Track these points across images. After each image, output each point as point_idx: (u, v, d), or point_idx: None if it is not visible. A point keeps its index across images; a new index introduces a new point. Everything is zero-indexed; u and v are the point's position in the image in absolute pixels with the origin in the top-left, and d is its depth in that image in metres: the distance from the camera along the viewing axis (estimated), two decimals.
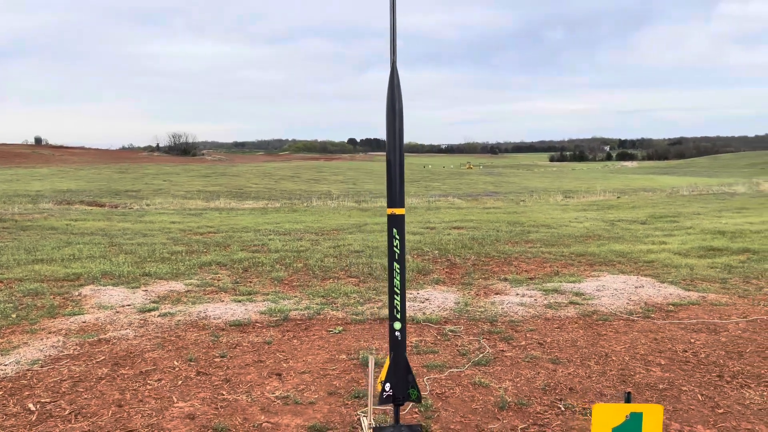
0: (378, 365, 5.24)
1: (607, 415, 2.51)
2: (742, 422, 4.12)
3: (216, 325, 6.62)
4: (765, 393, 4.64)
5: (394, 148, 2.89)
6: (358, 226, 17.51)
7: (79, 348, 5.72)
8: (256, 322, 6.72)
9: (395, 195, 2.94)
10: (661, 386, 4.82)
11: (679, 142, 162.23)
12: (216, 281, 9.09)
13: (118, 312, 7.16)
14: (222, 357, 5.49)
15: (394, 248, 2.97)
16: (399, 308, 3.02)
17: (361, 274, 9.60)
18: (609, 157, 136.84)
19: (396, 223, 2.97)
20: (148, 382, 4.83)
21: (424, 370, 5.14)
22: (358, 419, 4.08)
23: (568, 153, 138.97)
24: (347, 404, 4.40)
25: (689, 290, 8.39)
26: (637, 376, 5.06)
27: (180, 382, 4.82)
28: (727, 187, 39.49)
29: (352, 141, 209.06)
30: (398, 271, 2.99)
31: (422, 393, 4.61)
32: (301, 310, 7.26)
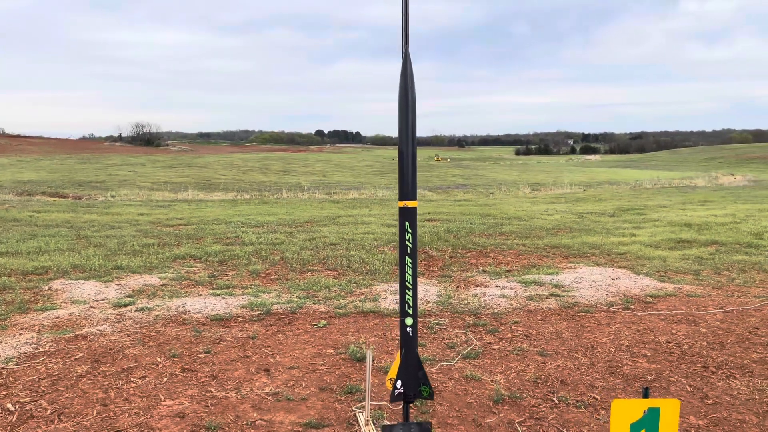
0: (366, 359, 5.18)
1: (625, 410, 2.51)
2: (732, 413, 4.19)
3: (196, 319, 6.46)
4: (750, 383, 4.74)
5: (406, 139, 2.80)
6: (332, 218, 17.38)
7: (55, 344, 5.50)
8: (238, 317, 6.58)
9: (408, 187, 2.86)
10: (649, 377, 4.88)
11: (640, 136, 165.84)
12: (192, 275, 8.89)
13: (92, 307, 6.93)
14: (206, 353, 5.35)
15: (407, 242, 2.90)
16: (411, 303, 2.96)
17: (339, 267, 9.51)
18: (573, 151, 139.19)
19: (408, 215, 2.89)
20: (132, 379, 4.67)
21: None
22: (354, 415, 4.01)
23: (533, 146, 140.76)
24: (341, 400, 4.33)
25: (664, 282, 8.54)
26: (625, 367, 5.11)
27: (165, 379, 4.68)
28: (688, 181, 40.53)
29: (319, 132, 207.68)
30: (410, 265, 2.92)
31: None
32: (283, 303, 7.14)
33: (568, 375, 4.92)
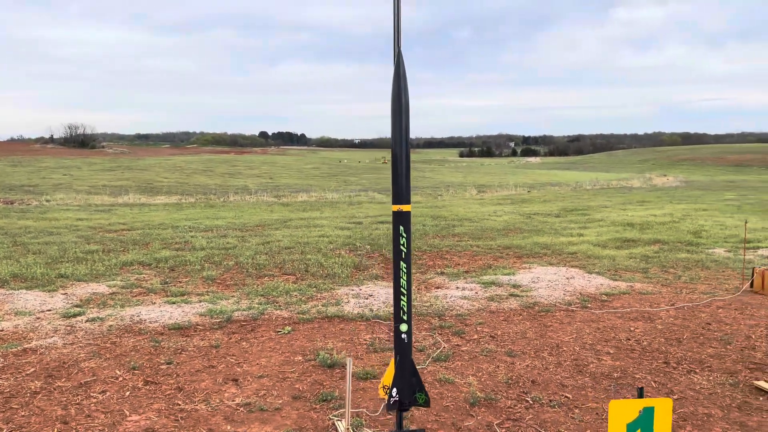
0: (337, 365, 5.10)
1: (622, 411, 2.53)
2: (698, 407, 4.33)
3: (153, 329, 6.20)
4: (711, 377, 4.91)
5: (400, 142, 2.75)
6: (283, 221, 17.14)
7: (2, 359, 5.16)
8: (198, 325, 6.35)
9: (402, 191, 2.80)
10: (615, 375, 4.99)
11: (577, 138, 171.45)
12: (142, 282, 8.55)
13: (38, 318, 6.55)
14: (168, 363, 5.13)
15: (401, 246, 2.84)
16: (405, 309, 2.90)
17: (297, 271, 9.36)
18: (514, 153, 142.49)
19: (402, 220, 2.84)
20: (92, 394, 4.42)
21: (386, 368, 5.03)
22: (333, 424, 3.92)
23: (476, 149, 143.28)
24: (316, 408, 4.23)
25: (616, 280, 8.79)
26: (591, 365, 5.21)
27: (128, 393, 4.45)
28: (624, 182, 42.09)
29: (263, 134, 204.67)
30: (404, 270, 2.86)
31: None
32: (244, 310, 6.95)
33: (538, 375, 4.97)
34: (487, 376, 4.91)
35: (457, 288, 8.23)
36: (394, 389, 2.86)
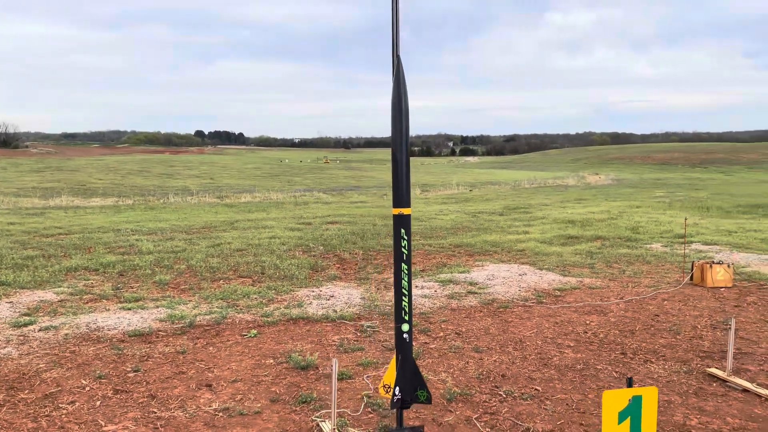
0: (311, 367, 5.11)
1: (614, 400, 2.68)
2: (659, 395, 4.59)
3: (113, 336, 6.02)
4: (666, 366, 5.22)
5: (400, 146, 2.81)
6: (230, 223, 16.85)
7: None
8: (160, 331, 6.21)
9: (402, 195, 2.87)
10: (579, 366, 5.22)
11: (513, 138, 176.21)
12: (91, 288, 8.26)
13: None
14: (136, 371, 5.00)
15: (402, 249, 2.90)
16: (407, 310, 2.96)
17: (253, 274, 9.26)
18: (453, 153, 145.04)
19: (403, 223, 2.90)
20: (60, 405, 4.27)
21: (360, 368, 5.09)
22: (317, 425, 3.93)
23: (416, 148, 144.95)
24: (297, 410, 4.23)
25: (566, 276, 9.15)
26: (555, 358, 5.43)
27: (99, 403, 4.32)
28: (560, 180, 43.57)
29: (199, 133, 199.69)
30: (405, 272, 2.92)
31: (366, 392, 4.57)
32: (205, 314, 6.84)
33: (507, 369, 5.14)
34: (459, 372, 5.04)
35: (416, 287, 8.36)
36: (397, 388, 2.92)
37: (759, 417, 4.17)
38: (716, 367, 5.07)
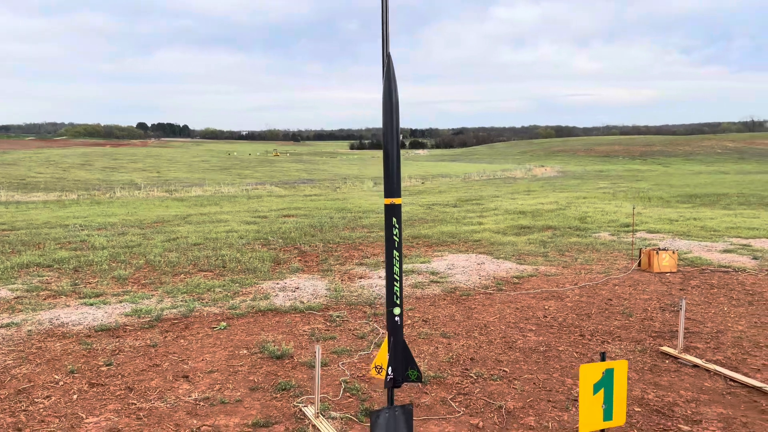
0: (286, 356, 5.21)
1: (589, 373, 2.91)
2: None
3: (79, 332, 5.94)
4: (622, 346, 5.55)
5: (391, 140, 2.94)
6: (183, 217, 16.60)
7: None
8: (127, 325, 6.16)
9: (393, 185, 3.01)
10: (542, 348, 5.49)
11: (461, 131, 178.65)
12: (48, 284, 8.08)
13: None
14: (108, 365, 4.98)
15: (394, 236, 3.04)
16: (398, 294, 3.10)
17: (214, 267, 9.23)
18: (403, 146, 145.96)
19: (395, 212, 3.04)
20: (36, 400, 4.22)
21: (334, 356, 5.21)
22: (300, 410, 4.04)
23: (366, 141, 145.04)
24: (277, 397, 4.32)
25: (522, 264, 9.49)
26: (519, 342, 5.69)
27: (75, 397, 4.30)
28: (508, 173, 44.58)
29: (142, 126, 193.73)
30: (397, 258, 3.06)
31: (343, 378, 4.71)
32: (170, 308, 6.81)
33: (474, 353, 5.37)
34: (430, 357, 5.23)
35: (380, 277, 8.52)
36: (390, 368, 3.06)
37: (709, 389, 4.52)
38: (668, 346, 5.44)
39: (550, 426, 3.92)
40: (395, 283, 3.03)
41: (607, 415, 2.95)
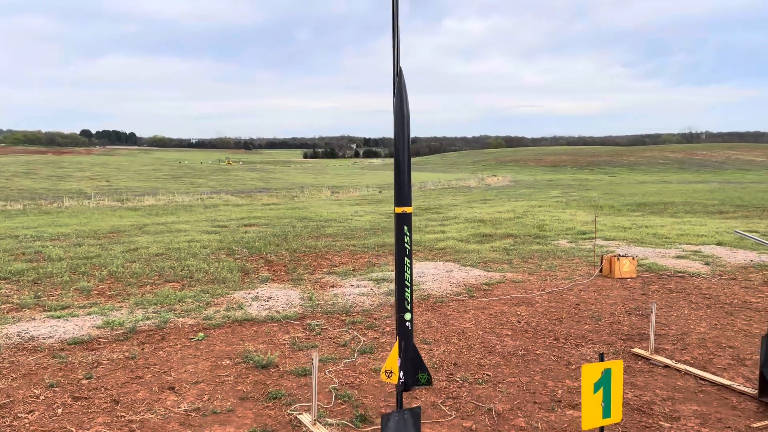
0: (271, 365, 5.20)
1: (591, 373, 3.05)
2: None
3: (51, 345, 5.77)
4: (594, 348, 5.77)
5: (402, 151, 3.02)
6: (139, 227, 16.23)
7: None
8: (100, 338, 6.02)
9: (404, 195, 3.09)
10: (520, 353, 5.66)
11: (414, 141, 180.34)
12: (8, 297, 7.80)
13: None
14: (89, 378, 4.86)
15: (405, 244, 3.11)
16: (409, 300, 3.17)
17: (181, 278, 9.08)
18: (357, 155, 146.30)
19: (406, 221, 3.11)
20: (19, 415, 4.10)
21: (320, 364, 5.23)
22: (295, 418, 4.06)
23: (320, 150, 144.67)
24: (269, 406, 4.32)
25: (489, 271, 9.71)
26: (497, 346, 5.84)
27: (60, 411, 4.19)
28: (462, 182, 45.30)
29: (86, 133, 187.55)
30: (408, 265, 3.13)
31: (332, 385, 4.74)
32: (143, 320, 6.68)
33: (456, 358, 5.48)
34: None
35: (352, 286, 8.57)
36: (401, 372, 3.12)
37: (682, 388, 4.76)
38: (639, 348, 5.69)
39: (540, 426, 4.06)
40: (406, 289, 3.11)
41: (606, 412, 3.10)
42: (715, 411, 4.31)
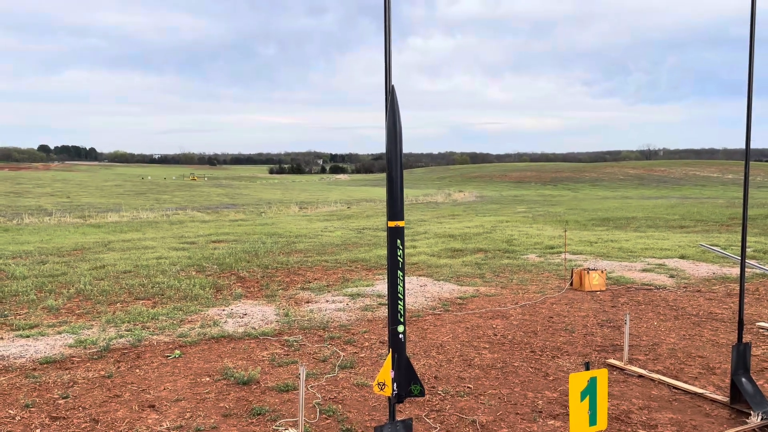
0: (252, 381, 5.16)
1: (578, 381, 3.13)
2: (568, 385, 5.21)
3: (22, 365, 5.62)
4: (570, 359, 5.89)
5: (395, 166, 3.08)
6: (104, 244, 15.90)
7: None
8: (74, 357, 5.88)
9: (397, 209, 3.14)
10: (499, 365, 5.74)
11: (380, 157, 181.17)
12: None
13: None
14: (65, 398, 4.75)
15: (398, 257, 3.15)
16: (402, 312, 3.21)
17: (151, 295, 8.94)
18: (323, 170, 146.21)
19: (398, 234, 3.16)
20: None
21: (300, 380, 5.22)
22: None
23: (286, 165, 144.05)
24: (254, 422, 4.29)
25: (463, 285, 9.81)
26: (476, 359, 5.92)
27: (39, 431, 4.08)
28: (430, 197, 45.60)
29: (44, 148, 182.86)
30: (401, 278, 3.18)
31: (315, 400, 4.73)
32: (116, 338, 6.56)
33: (437, 371, 5.53)
34: None
35: (327, 301, 8.56)
36: (395, 383, 3.15)
37: (657, 397, 4.90)
38: (613, 358, 5.84)
39: None
40: (399, 302, 3.16)
41: (592, 420, 3.19)
42: (690, 419, 4.45)
